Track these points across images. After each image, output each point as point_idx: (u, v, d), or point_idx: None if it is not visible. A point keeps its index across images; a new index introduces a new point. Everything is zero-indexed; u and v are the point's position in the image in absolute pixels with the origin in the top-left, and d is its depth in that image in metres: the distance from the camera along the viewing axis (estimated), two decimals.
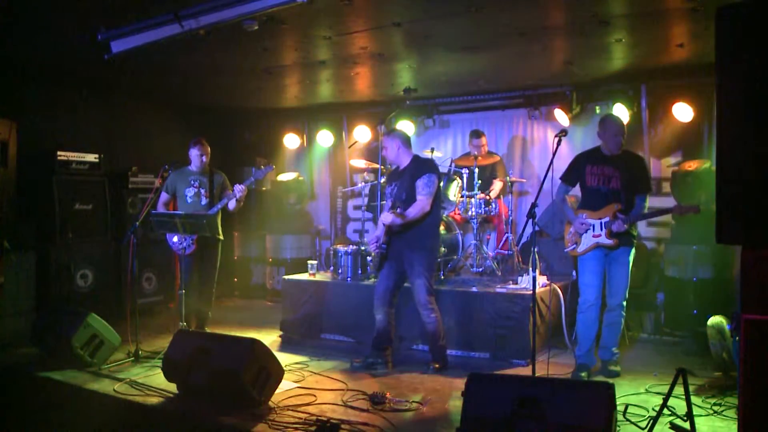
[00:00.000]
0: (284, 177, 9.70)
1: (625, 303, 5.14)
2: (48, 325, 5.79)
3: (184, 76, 7.43)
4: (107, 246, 7.63)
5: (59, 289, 7.01)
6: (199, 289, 6.31)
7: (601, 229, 5.07)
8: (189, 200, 6.31)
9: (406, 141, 5.53)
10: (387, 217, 5.26)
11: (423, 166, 5.41)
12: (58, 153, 7.27)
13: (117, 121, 8.38)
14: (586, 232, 5.12)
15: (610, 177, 5.08)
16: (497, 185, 7.32)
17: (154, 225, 6.00)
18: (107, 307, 7.13)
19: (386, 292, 5.51)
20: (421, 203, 5.28)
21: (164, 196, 6.43)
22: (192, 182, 6.35)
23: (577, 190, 5.40)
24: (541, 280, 6.10)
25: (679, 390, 3.66)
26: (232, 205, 6.27)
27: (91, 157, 7.57)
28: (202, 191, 6.34)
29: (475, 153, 7.20)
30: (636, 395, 4.73)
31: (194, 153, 6.36)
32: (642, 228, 7.15)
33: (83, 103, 7.93)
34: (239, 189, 6.15)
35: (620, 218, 5.00)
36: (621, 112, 6.98)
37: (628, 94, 7.17)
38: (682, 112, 6.83)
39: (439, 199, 5.53)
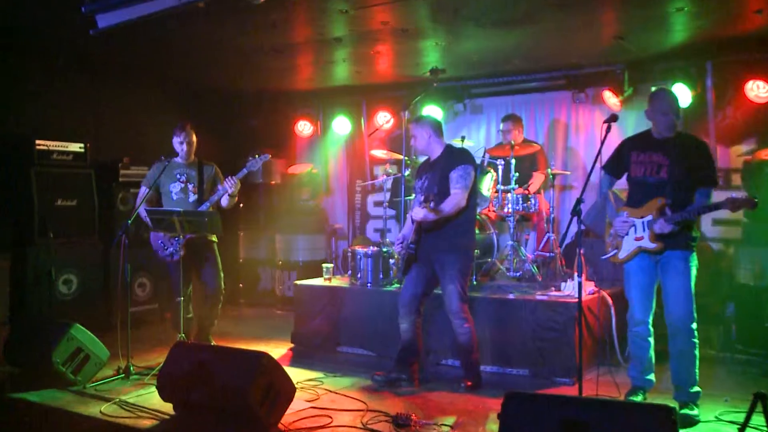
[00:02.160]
0: (296, 169, 9.75)
1: (694, 325, 4.67)
2: (24, 338, 5.77)
3: (182, 56, 7.44)
4: (94, 247, 7.65)
5: (38, 297, 7.02)
6: (203, 295, 6.34)
7: (644, 230, 4.75)
8: (175, 197, 6.29)
9: (437, 129, 5.53)
10: (418, 212, 5.21)
11: (457, 157, 5.40)
12: (37, 142, 7.28)
13: (106, 106, 8.41)
14: (627, 233, 4.84)
15: (659, 165, 4.74)
16: (537, 178, 7.25)
17: (151, 224, 6.00)
18: (94, 317, 7.12)
19: (413, 299, 5.49)
20: (456, 197, 5.25)
21: (143, 191, 6.39)
22: (177, 176, 6.31)
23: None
24: (588, 286, 6.06)
25: (758, 419, 3.49)
26: (225, 201, 6.26)
27: (76, 147, 7.58)
28: (190, 186, 6.31)
29: (510, 140, 7.19)
30: (705, 423, 4.61)
31: (175, 141, 6.33)
32: (706, 227, 7.03)
33: (67, 85, 7.94)
34: (230, 183, 6.14)
35: (665, 216, 4.62)
36: (682, 92, 6.87)
37: (690, 72, 7.04)
38: (757, 91, 6.65)
39: (475, 193, 5.54)
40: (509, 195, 6.83)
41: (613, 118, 4.61)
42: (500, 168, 6.88)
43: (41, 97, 7.71)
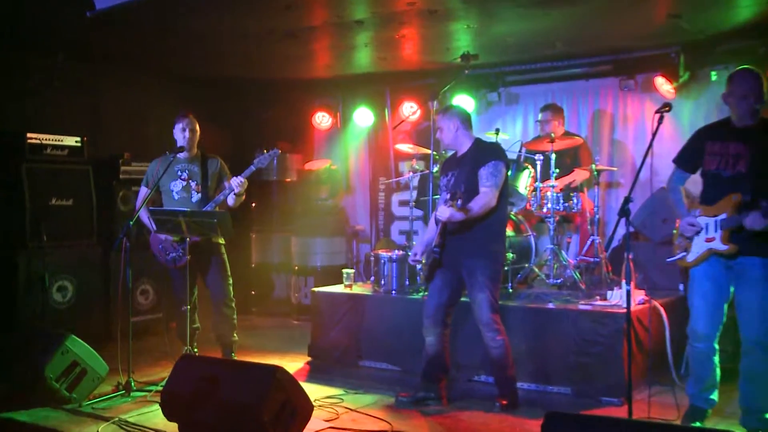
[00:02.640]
0: (313, 165, 9.75)
1: None
2: (13, 351, 5.77)
3: (188, 42, 7.46)
4: (92, 251, 7.67)
5: (30, 305, 7.03)
6: (214, 308, 6.34)
7: (716, 230, 4.60)
8: (176, 196, 6.27)
9: (465, 120, 5.53)
10: (444, 211, 5.16)
11: (487, 152, 5.39)
12: (29, 135, 7.29)
13: (105, 96, 8.46)
14: (697, 234, 4.69)
15: (736, 157, 4.58)
16: (579, 175, 7.18)
17: (154, 226, 6.01)
18: (92, 328, 7.16)
19: (438, 309, 5.48)
20: (486, 196, 5.22)
21: (143, 191, 6.41)
22: (179, 173, 6.29)
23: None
24: (638, 295, 5.99)
25: None
26: (231, 200, 6.25)
27: (72, 140, 7.60)
28: (192, 184, 6.28)
29: (549, 132, 7.16)
30: None
31: (177, 129, 6.31)
32: None
33: (61, 73, 7.96)
34: (236, 182, 6.11)
35: (762, 208, 4.35)
36: None
37: (758, 52, 6.85)
38: None
39: (506, 192, 5.51)
40: (549, 193, 6.77)
41: (666, 107, 4.53)
42: (538, 163, 6.82)
43: (33, 86, 7.75)
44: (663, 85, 7.39)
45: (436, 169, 7.20)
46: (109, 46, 7.60)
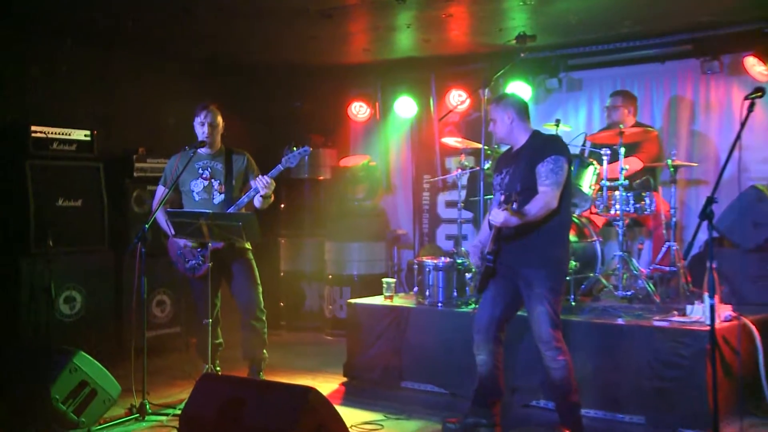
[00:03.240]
0: (349, 162, 9.79)
1: None
2: (16, 369, 5.78)
3: (211, 23, 7.48)
4: (103, 258, 7.73)
5: (34, 318, 7.01)
6: (242, 321, 6.36)
7: None
8: (197, 197, 6.29)
9: (522, 111, 5.49)
10: (498, 216, 5.12)
11: (547, 146, 5.34)
12: (33, 128, 7.34)
13: (117, 85, 8.50)
14: None
15: None
16: (632, 163, 7.03)
17: (172, 230, 6.01)
18: (102, 343, 7.22)
19: (491, 324, 5.44)
20: (545, 197, 5.17)
21: (160, 191, 6.43)
22: (200, 171, 6.29)
23: None
24: (724, 310, 5.87)
25: None
26: (257, 201, 6.24)
27: (81, 134, 7.65)
28: (215, 183, 6.29)
29: (617, 121, 7.13)
30: None
31: (196, 122, 6.32)
32: None
33: (68, 60, 8.02)
34: (262, 183, 6.08)
35: None
36: None
37: None
38: None
39: (569, 191, 5.44)
40: (617, 193, 6.70)
41: (758, 92, 4.54)
42: (605, 159, 6.74)
43: (38, 74, 7.81)
44: (755, 66, 7.27)
45: (487, 165, 7.17)
46: (122, 28, 7.62)
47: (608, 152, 6.73)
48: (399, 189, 10.00)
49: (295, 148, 6.24)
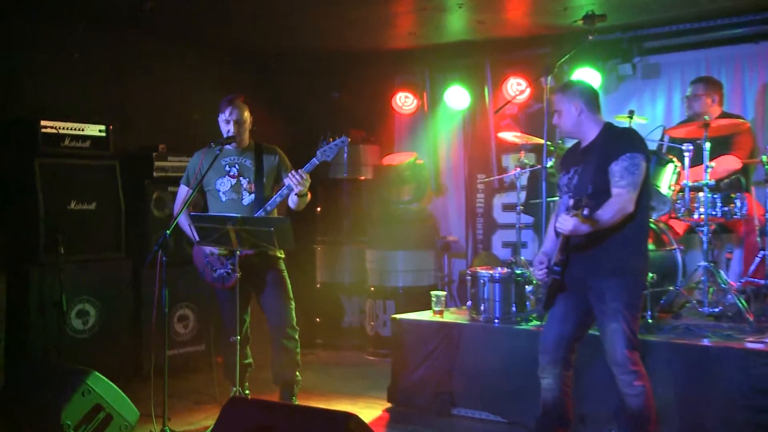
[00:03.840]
0: (394, 159, 9.79)
1: None
2: (24, 391, 5.81)
3: (240, 5, 7.53)
4: (120, 267, 7.76)
5: (43, 334, 7.09)
6: (272, 339, 6.37)
7: None
8: (224, 197, 6.28)
9: (592, 100, 5.41)
10: (566, 223, 5.06)
11: (621, 141, 5.27)
12: (43, 123, 7.36)
13: (135, 75, 8.56)
14: None
15: None
16: (725, 163, 6.95)
17: (196, 236, 5.99)
18: (119, 363, 7.28)
19: (559, 344, 5.39)
20: (620, 199, 5.10)
21: (183, 192, 6.42)
22: (227, 168, 6.29)
23: None
24: None
25: None
26: (292, 202, 6.23)
27: (95, 130, 7.66)
28: (244, 182, 6.27)
29: (700, 112, 7.04)
30: None
31: (221, 119, 6.33)
32: None
33: (81, 47, 8.04)
34: (295, 179, 6.03)
35: None
36: None
37: None
38: None
39: (648, 194, 5.40)
40: (701, 194, 6.58)
41: None
42: (687, 156, 6.63)
43: (47, 63, 7.86)
44: None
45: (550, 163, 7.16)
46: (140, 10, 7.61)
47: (690, 147, 6.63)
48: (450, 190, 9.97)
49: (331, 139, 6.20)
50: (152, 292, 6.10)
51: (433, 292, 7.20)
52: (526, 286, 6.72)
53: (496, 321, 6.69)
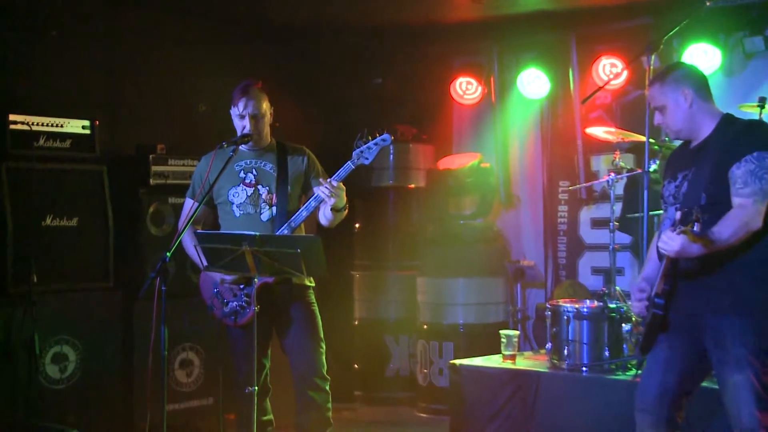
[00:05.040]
0: (452, 163, 9.80)
1: None
2: None
3: None
4: (107, 299, 7.76)
5: (10, 384, 7.10)
6: (296, 390, 6.34)
7: None
8: (239, 211, 6.29)
9: (703, 86, 5.36)
10: (672, 242, 5.00)
11: (746, 137, 5.18)
12: (12, 118, 7.40)
13: (127, 57, 8.61)
14: None
15: None
16: None
17: (204, 260, 5.96)
18: (105, 421, 7.28)
19: (663, 399, 5.29)
20: (743, 213, 5.02)
21: (188, 205, 6.44)
22: (242, 175, 6.29)
23: None
24: None
25: None
26: (324, 217, 6.19)
27: (77, 126, 7.70)
28: (263, 191, 6.27)
29: None
30: None
31: (234, 113, 6.32)
32: None
33: (59, 22, 8.10)
34: (327, 190, 5.98)
35: None
36: None
37: None
38: None
39: None
40: None
41: None
42: None
43: (18, 43, 7.91)
44: None
45: (654, 167, 7.13)
46: None
47: None
48: (524, 201, 10.03)
49: (370, 137, 6.17)
50: (148, 330, 6.06)
51: (502, 332, 7.28)
52: (623, 325, 6.73)
53: (584, 369, 6.76)
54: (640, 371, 6.14)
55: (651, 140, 7.04)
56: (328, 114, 9.61)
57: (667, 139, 7.24)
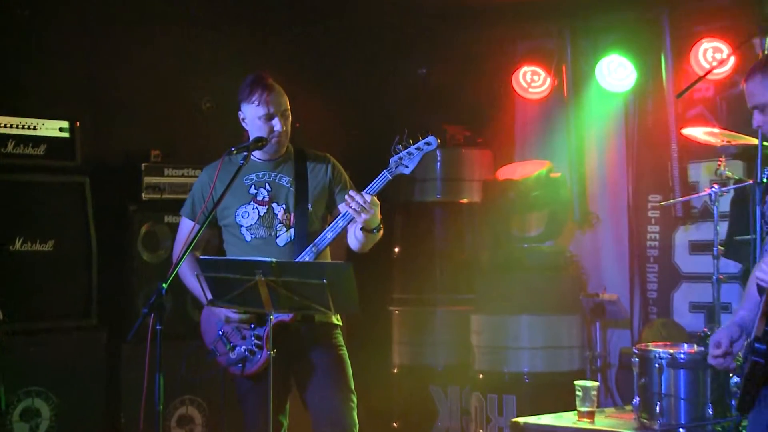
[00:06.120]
0: (514, 172, 9.81)
1: None
2: None
3: None
4: (89, 341, 7.85)
5: None
6: None
7: None
8: (250, 235, 6.29)
9: None
10: None
11: None
12: None
13: (113, 46, 8.69)
14: None
15: None
16: None
17: (208, 294, 5.94)
18: None
19: None
20: None
21: (187, 226, 6.43)
22: (252, 190, 6.30)
23: None
24: None
25: None
26: (354, 240, 6.18)
27: (53, 128, 7.80)
28: (278, 209, 6.27)
29: None
30: None
31: (247, 112, 6.27)
32: None
33: (34, 3, 8.18)
34: (359, 204, 5.91)
35: None
36: None
37: None
38: None
39: None
40: None
41: None
42: None
43: None
44: None
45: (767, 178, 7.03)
46: None
47: None
48: (604, 219, 10.05)
49: (411, 142, 6.16)
50: (139, 380, 6.12)
51: (578, 383, 7.30)
52: (733, 377, 6.67)
53: (682, 430, 6.68)
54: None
55: (765, 143, 7.04)
56: (359, 112, 9.65)
57: None
